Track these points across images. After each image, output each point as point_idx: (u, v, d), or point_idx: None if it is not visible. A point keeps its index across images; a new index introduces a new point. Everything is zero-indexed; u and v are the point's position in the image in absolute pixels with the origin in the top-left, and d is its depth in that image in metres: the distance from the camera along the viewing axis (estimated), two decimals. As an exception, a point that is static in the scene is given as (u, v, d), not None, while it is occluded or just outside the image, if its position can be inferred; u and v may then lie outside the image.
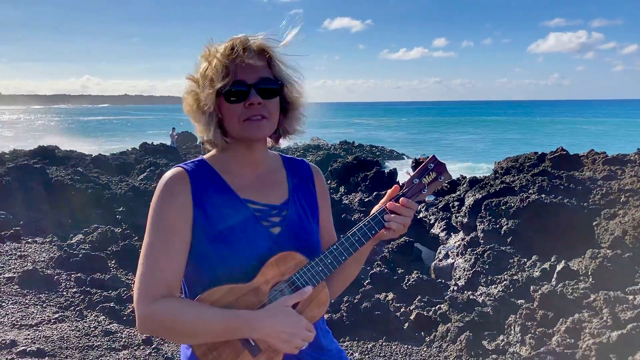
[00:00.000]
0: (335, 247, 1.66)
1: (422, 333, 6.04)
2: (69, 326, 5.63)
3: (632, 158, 15.18)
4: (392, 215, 1.69)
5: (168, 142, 26.47)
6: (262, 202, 1.72)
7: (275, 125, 1.70)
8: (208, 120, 1.64)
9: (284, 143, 1.87)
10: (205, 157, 1.76)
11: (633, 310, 4.71)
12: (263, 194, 1.74)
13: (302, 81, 1.74)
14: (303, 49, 1.70)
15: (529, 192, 12.02)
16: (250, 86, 1.61)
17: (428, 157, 1.75)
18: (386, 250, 9.48)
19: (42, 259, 7.84)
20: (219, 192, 1.68)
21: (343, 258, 1.66)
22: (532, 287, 5.74)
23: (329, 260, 1.65)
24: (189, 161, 1.74)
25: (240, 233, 1.63)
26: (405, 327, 6.07)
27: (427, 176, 1.72)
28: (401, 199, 1.69)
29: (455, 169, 24.21)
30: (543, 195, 11.40)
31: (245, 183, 1.73)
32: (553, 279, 7.46)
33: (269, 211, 1.71)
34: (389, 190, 1.74)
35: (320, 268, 1.63)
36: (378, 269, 8.70)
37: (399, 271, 9.04)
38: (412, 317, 6.20)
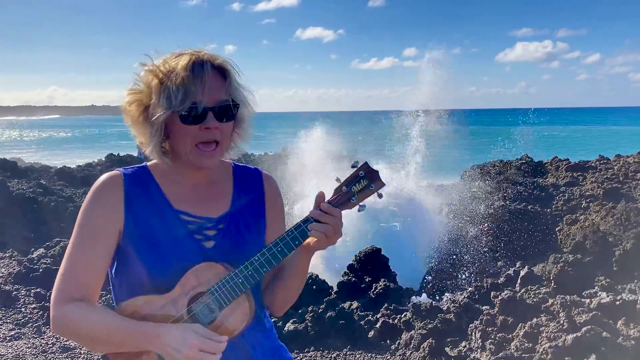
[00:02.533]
0: (256, 258, 1.58)
1: (388, 341, 6.06)
2: (25, 343, 5.48)
3: (593, 164, 15.60)
4: (316, 223, 1.58)
5: (135, 153, 26.09)
6: (197, 214, 1.65)
7: (227, 148, 1.66)
8: (152, 134, 1.57)
9: (231, 156, 1.78)
10: (149, 164, 1.71)
11: (588, 313, 4.82)
12: (200, 206, 1.67)
13: (254, 98, 1.68)
14: (273, 60, 1.62)
15: (494, 199, 12.23)
16: (209, 109, 1.54)
17: (359, 164, 1.64)
18: (353, 259, 9.50)
19: (1, 274, 7.62)
20: (153, 201, 1.63)
21: (264, 270, 1.57)
22: (492, 293, 5.82)
23: (249, 272, 1.56)
24: (130, 166, 1.69)
25: (169, 245, 1.58)
26: (370, 336, 6.09)
27: (357, 184, 1.62)
28: (322, 204, 1.60)
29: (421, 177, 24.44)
30: (508, 202, 11.62)
31: (183, 193, 1.67)
32: (517, 285, 7.58)
33: (204, 224, 1.65)
34: (318, 193, 1.64)
35: (240, 280, 1.56)
36: (345, 277, 8.71)
37: (367, 279, 9.07)
38: (377, 325, 6.21)
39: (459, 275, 9.68)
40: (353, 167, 1.63)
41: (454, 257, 10.20)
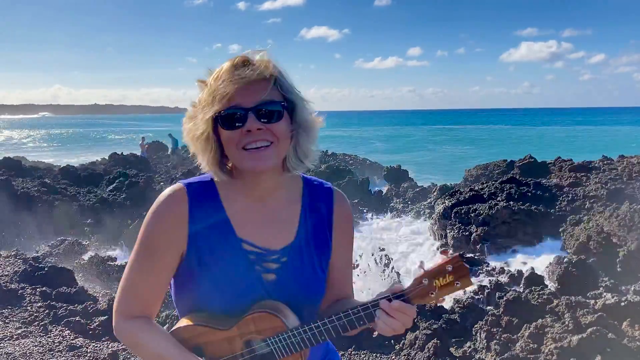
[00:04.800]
0: (317, 325, 1.49)
1: (392, 341, 6.08)
2: (32, 342, 5.50)
3: (597, 165, 15.59)
4: (383, 314, 1.43)
5: (138, 152, 26.15)
6: (261, 245, 1.55)
7: (284, 151, 1.51)
8: (203, 148, 1.50)
9: (298, 166, 1.59)
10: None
11: (593, 314, 4.83)
12: (264, 234, 1.56)
13: (308, 102, 1.56)
14: (277, 59, 1.51)
15: (498, 199, 12.23)
16: (248, 110, 1.44)
17: (451, 253, 1.52)
18: (357, 259, 9.51)
19: (6, 273, 7.65)
20: (216, 224, 1.53)
21: (322, 338, 1.49)
22: (497, 294, 5.83)
23: (307, 336, 1.49)
24: (195, 178, 1.60)
25: (229, 275, 1.51)
26: (374, 336, 6.10)
27: (441, 278, 1.43)
28: (394, 302, 1.43)
29: (428, 178, 24.49)
30: (511, 203, 11.62)
31: (247, 217, 1.56)
32: (521, 285, 7.60)
33: (266, 256, 1.55)
34: (394, 285, 1.49)
35: (297, 340, 1.49)
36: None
37: (370, 279, 9.08)
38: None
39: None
40: (442, 253, 1.54)
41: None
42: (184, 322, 1.55)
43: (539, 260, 10.11)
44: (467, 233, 11.34)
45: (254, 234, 1.55)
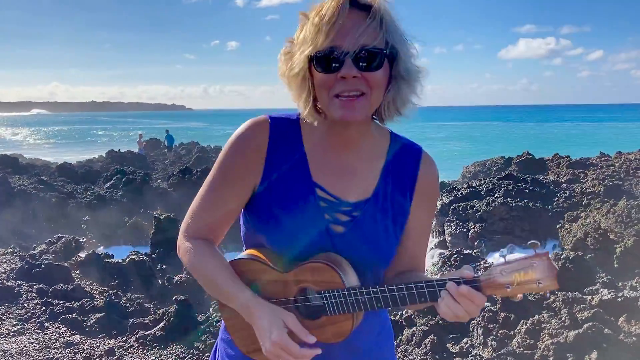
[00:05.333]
0: (375, 290, 1.38)
1: (389, 337, 6.09)
2: (28, 339, 5.50)
3: (594, 161, 15.63)
4: (449, 297, 1.31)
5: (135, 150, 26.13)
6: (335, 193, 1.47)
7: (377, 103, 1.40)
8: (299, 88, 1.39)
9: (391, 120, 1.49)
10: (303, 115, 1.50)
11: (590, 310, 4.83)
12: (341, 183, 1.48)
13: (416, 51, 1.42)
14: (275, 56, 1.47)
15: (495, 196, 12.24)
16: (346, 54, 1.31)
17: (540, 251, 1.31)
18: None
19: (3, 270, 7.64)
20: (293, 163, 1.47)
21: (378, 305, 1.39)
22: (494, 290, 5.84)
23: (363, 299, 1.39)
24: (281, 113, 1.53)
25: (297, 218, 1.44)
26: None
27: (522, 273, 1.30)
28: (462, 286, 1.30)
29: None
30: (509, 199, 11.63)
31: (326, 163, 1.48)
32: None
33: (338, 205, 1.46)
34: (464, 269, 1.34)
35: (351, 300, 1.39)
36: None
37: (368, 276, 9.10)
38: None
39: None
40: (528, 248, 1.33)
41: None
42: (246, 254, 1.53)
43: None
44: (464, 230, 11.35)
45: (330, 180, 1.47)
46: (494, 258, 10.10)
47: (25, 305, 6.45)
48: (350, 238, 1.45)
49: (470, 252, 9.94)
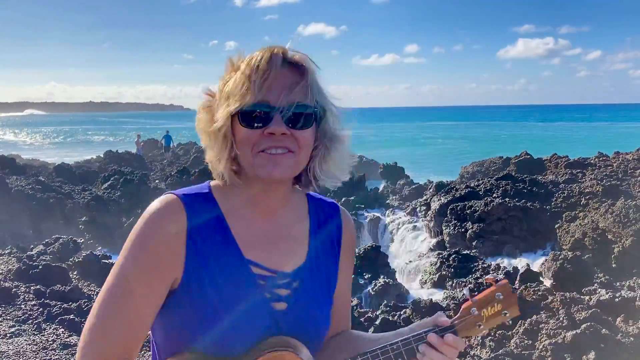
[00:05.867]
0: None
1: (387, 338, 6.08)
2: (25, 340, 5.48)
3: (592, 162, 15.63)
4: (430, 349, 1.27)
5: (133, 150, 26.09)
6: (271, 266, 1.30)
7: (304, 164, 1.30)
8: (220, 145, 1.26)
9: (315, 184, 1.39)
10: (212, 185, 1.35)
11: (587, 310, 4.83)
12: (273, 255, 1.32)
13: (339, 114, 1.34)
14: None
15: (493, 196, 12.24)
16: (276, 110, 1.22)
17: (498, 279, 1.34)
18: (353, 256, 9.53)
19: (0, 271, 7.63)
20: (220, 242, 1.28)
21: None
22: (492, 290, 5.83)
23: None
24: (189, 188, 1.33)
25: (235, 304, 1.25)
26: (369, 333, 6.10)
27: (489, 307, 1.31)
28: (447, 336, 1.26)
29: (425, 175, 24.50)
30: (507, 199, 11.63)
31: (254, 236, 1.32)
32: (517, 281, 7.60)
33: (276, 280, 1.30)
34: (438, 316, 1.31)
35: None
36: (345, 274, 8.75)
37: (366, 276, 9.09)
38: (377, 322, 6.22)
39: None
40: (488, 283, 1.35)
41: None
42: None
43: (534, 257, 10.14)
44: (462, 230, 11.36)
45: (262, 253, 1.31)
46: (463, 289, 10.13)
47: (23, 306, 6.43)
48: (294, 313, 1.30)
49: (468, 252, 9.94)
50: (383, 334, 1.36)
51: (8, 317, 6.08)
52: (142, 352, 4.91)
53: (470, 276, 8.92)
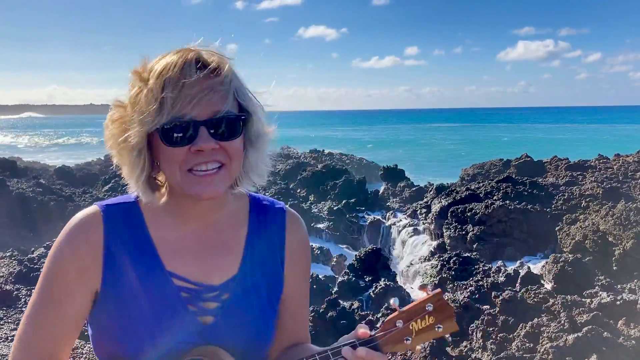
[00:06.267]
0: None
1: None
2: (27, 343, 5.49)
3: (593, 164, 15.64)
4: None
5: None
6: (195, 279, 1.24)
7: (237, 172, 1.24)
8: (134, 163, 1.18)
9: (244, 187, 1.34)
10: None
11: (589, 313, 4.83)
12: (200, 266, 1.26)
13: (264, 110, 1.26)
14: (274, 58, 1.18)
15: (494, 198, 12.25)
16: (200, 124, 1.14)
17: (431, 289, 1.22)
18: (353, 259, 9.52)
19: (1, 274, 7.62)
20: (139, 254, 1.23)
21: None
22: (493, 294, 5.83)
23: None
24: (117, 198, 1.30)
25: (156, 318, 1.21)
26: (371, 336, 6.11)
27: (419, 320, 1.19)
28: (359, 349, 1.18)
29: (426, 178, 24.52)
30: (507, 202, 11.64)
31: (179, 245, 1.26)
32: (517, 284, 7.61)
33: (202, 293, 1.24)
34: (359, 329, 1.23)
35: None
36: (346, 277, 8.73)
37: (367, 279, 9.09)
38: (378, 325, 6.23)
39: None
40: (421, 290, 1.25)
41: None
42: None
43: (535, 259, 10.14)
44: (463, 232, 11.36)
45: (187, 266, 1.24)
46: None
47: (24, 309, 6.43)
48: (223, 326, 1.24)
49: (469, 254, 9.94)
50: (325, 348, 1.25)
51: (9, 320, 6.09)
52: None
53: (471, 279, 8.92)
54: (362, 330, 1.20)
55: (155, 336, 1.20)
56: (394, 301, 1.21)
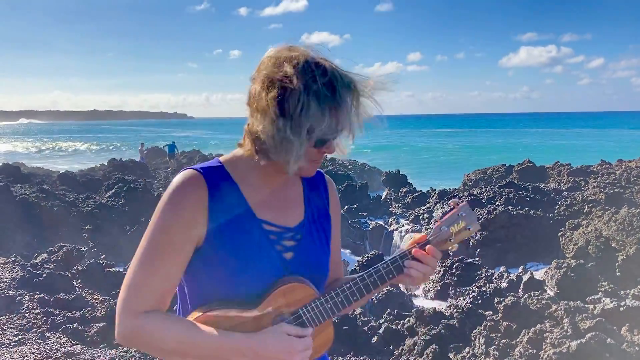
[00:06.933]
0: (349, 285, 1.55)
1: (391, 347, 6.06)
2: (29, 349, 5.48)
3: (595, 169, 15.62)
4: (415, 262, 1.56)
5: (137, 158, 26.16)
6: (278, 223, 1.57)
7: None
8: (297, 156, 1.43)
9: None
10: (222, 160, 1.58)
11: (592, 319, 4.82)
12: (279, 213, 1.59)
13: None
14: None
15: (496, 203, 12.23)
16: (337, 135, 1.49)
17: (459, 202, 1.62)
18: (356, 264, 9.50)
19: (4, 279, 7.63)
20: (235, 206, 1.52)
21: (355, 298, 1.55)
22: (496, 299, 5.82)
23: (340, 299, 1.54)
24: (204, 164, 1.56)
25: (252, 257, 1.50)
26: (373, 341, 6.09)
27: (456, 224, 1.60)
28: (428, 246, 1.56)
29: (427, 183, 24.50)
30: (510, 207, 11.62)
31: (262, 198, 1.57)
32: (520, 290, 7.59)
33: (284, 234, 1.57)
34: (415, 235, 1.61)
35: (329, 305, 1.53)
36: (348, 283, 8.73)
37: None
38: (380, 331, 6.21)
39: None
40: (451, 206, 1.63)
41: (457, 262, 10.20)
42: (195, 314, 1.47)
43: (537, 265, 10.11)
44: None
45: (271, 213, 1.57)
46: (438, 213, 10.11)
47: (27, 315, 6.44)
48: (300, 260, 1.57)
49: (472, 260, 9.92)
50: (391, 256, 1.61)
51: (12, 326, 6.09)
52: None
53: (473, 285, 8.90)
54: (418, 235, 1.61)
55: (252, 272, 1.48)
56: (436, 215, 1.73)
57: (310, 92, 1.39)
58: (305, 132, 1.41)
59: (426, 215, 14.16)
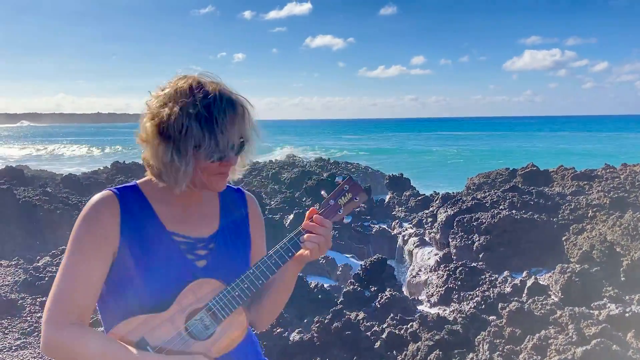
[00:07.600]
0: (251, 271, 1.66)
1: (394, 352, 6.02)
2: (30, 353, 5.47)
3: (599, 173, 15.53)
4: (307, 234, 1.69)
5: (140, 161, 26.19)
6: (191, 235, 1.71)
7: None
8: (183, 175, 1.59)
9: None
10: (139, 182, 1.75)
11: (597, 325, 4.77)
12: (192, 226, 1.73)
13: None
14: (281, 68, 1.66)
15: (500, 208, 12.18)
16: (232, 147, 1.60)
17: (344, 177, 1.79)
18: (359, 269, 9.47)
19: (7, 283, 7.62)
20: (146, 222, 1.66)
21: (260, 282, 1.66)
22: (500, 305, 5.77)
23: (246, 285, 1.65)
24: (120, 185, 1.73)
25: (163, 266, 1.62)
26: (376, 347, 6.05)
27: (342, 197, 1.75)
28: (315, 215, 1.71)
29: (430, 185, 24.46)
30: (514, 211, 11.56)
31: (174, 214, 1.71)
32: (524, 295, 7.54)
33: (195, 244, 1.71)
34: (307, 212, 1.74)
35: (237, 293, 1.64)
36: (351, 287, 8.67)
37: (372, 289, 9.03)
38: (383, 336, 6.17)
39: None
40: (337, 182, 1.79)
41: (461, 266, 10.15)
42: (116, 326, 1.57)
43: (541, 270, 10.05)
44: (469, 242, 11.28)
45: (182, 226, 1.70)
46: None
47: (28, 318, 6.42)
48: (213, 267, 1.70)
49: (475, 265, 9.87)
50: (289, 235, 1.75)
51: (14, 330, 6.08)
52: None
53: (477, 289, 8.85)
54: (311, 209, 1.74)
55: (163, 280, 1.60)
56: (323, 192, 1.78)
57: (190, 115, 1.52)
58: (190, 153, 1.54)
59: (430, 219, 14.11)
